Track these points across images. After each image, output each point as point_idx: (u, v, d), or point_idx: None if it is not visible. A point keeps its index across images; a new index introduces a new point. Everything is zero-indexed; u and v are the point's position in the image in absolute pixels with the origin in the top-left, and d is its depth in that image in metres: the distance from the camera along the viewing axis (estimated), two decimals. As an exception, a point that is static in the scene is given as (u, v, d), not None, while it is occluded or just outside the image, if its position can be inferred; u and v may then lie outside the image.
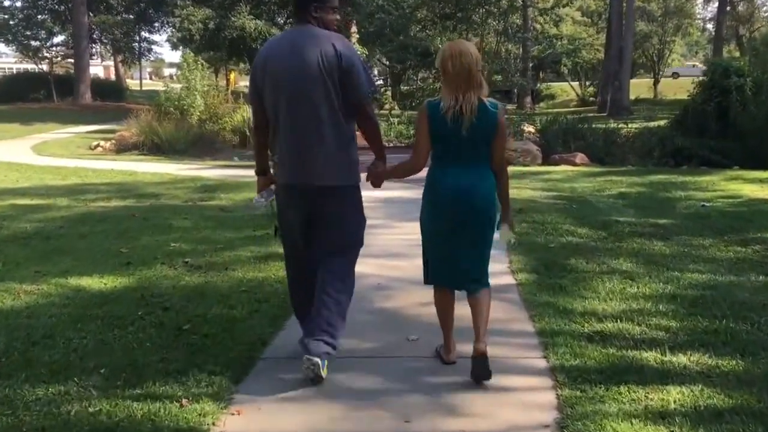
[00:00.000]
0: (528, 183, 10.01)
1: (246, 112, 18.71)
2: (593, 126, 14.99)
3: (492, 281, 3.53)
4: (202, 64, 22.93)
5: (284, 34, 3.57)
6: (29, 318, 4.15)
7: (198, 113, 19.44)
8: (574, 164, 12.97)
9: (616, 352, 3.55)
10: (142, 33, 42.29)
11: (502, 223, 3.41)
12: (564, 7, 17.02)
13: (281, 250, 4.85)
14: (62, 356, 3.55)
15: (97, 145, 17.83)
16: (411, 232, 6.59)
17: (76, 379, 3.25)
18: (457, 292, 3.46)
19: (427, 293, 4.54)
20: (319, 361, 3.15)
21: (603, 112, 28.76)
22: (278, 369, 3.41)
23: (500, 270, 5.05)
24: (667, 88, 46.26)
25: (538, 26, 17.41)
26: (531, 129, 16.14)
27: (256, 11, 27.65)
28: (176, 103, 19.38)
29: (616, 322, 3.99)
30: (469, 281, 3.35)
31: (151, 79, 72.04)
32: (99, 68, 59.62)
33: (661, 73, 52.15)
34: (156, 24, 38.76)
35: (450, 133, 3.13)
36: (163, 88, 21.31)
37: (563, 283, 4.78)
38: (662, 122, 16.15)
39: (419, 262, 3.58)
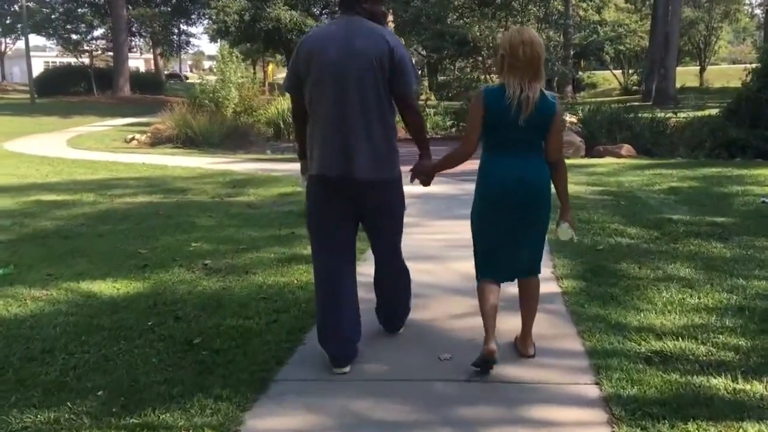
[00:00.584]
0: (572, 177, 9.38)
1: (281, 104, 18.50)
2: (639, 115, 14.27)
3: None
4: (237, 56, 22.82)
5: (332, 24, 3.39)
6: (32, 328, 3.86)
7: (233, 106, 19.26)
8: (620, 156, 12.35)
9: (680, 378, 3.08)
10: (181, 26, 42.61)
11: (561, 220, 3.34)
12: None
13: (306, 251, 4.58)
14: (59, 375, 3.24)
15: (133, 139, 17.76)
16: (447, 231, 6.30)
17: (69, 403, 2.93)
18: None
19: (462, 303, 4.19)
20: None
21: (648, 101, 27.83)
22: (291, 394, 3.03)
23: (544, 276, 4.57)
24: (714, 76, 44.73)
25: (581, 12, 16.69)
26: (573, 119, 15.52)
27: (291, 2, 27.42)
28: (211, 95, 19.25)
29: (678, 340, 3.51)
30: (522, 271, 3.32)
31: (191, 71, 72.68)
32: (140, 61, 60.35)
33: (707, 60, 50.54)
34: (193, 16, 38.83)
35: (507, 121, 3.05)
36: (198, 81, 21.20)
37: (614, 292, 4.31)
38: (712, 111, 15.34)
39: (455, 265, 3.22)
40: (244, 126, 18.43)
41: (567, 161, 3.50)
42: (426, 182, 3.41)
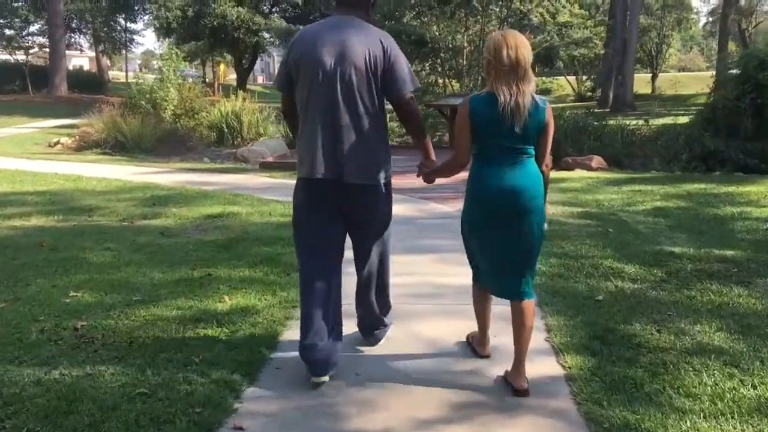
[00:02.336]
0: (544, 194, 8.41)
1: (225, 107, 17.08)
2: (605, 123, 13.34)
3: (529, 369, 3.05)
4: (177, 54, 21.27)
5: (327, 21, 3.23)
6: None
7: (172, 107, 17.72)
8: (591, 168, 11.35)
9: None
10: (123, 22, 40.37)
11: None
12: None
13: (221, 306, 4.14)
14: None
15: (57, 142, 16.05)
16: (407, 272, 4.75)
17: None
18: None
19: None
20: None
21: (605, 107, 27.28)
22: None
23: (537, 345, 3.41)
24: (666, 83, 44.90)
25: (536, 16, 15.74)
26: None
27: (239, -2, 25.92)
28: (148, 96, 17.67)
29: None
30: (515, 292, 3.12)
31: (141, 71, 69.77)
32: (84, 59, 57.59)
33: (658, 68, 50.81)
34: (138, 11, 36.72)
35: (499, 130, 2.95)
36: (134, 80, 19.56)
37: (637, 376, 3.14)
38: (678, 119, 14.50)
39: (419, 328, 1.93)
40: (184, 130, 16.94)
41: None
42: (430, 180, 3.39)
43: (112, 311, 4.00)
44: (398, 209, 6.77)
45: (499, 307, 3.48)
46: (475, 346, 3.49)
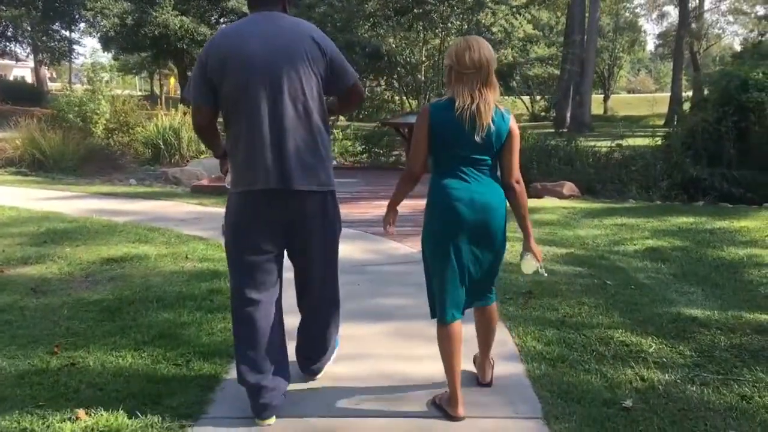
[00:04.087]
0: (514, 227, 7.22)
1: (162, 121, 15.57)
2: (578, 145, 12.32)
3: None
4: (112, 65, 19.66)
5: (248, 21, 2.86)
6: None
7: (104, 121, 16.08)
8: (562, 196, 10.28)
9: None
10: (62, 31, 38.08)
11: (524, 251, 3.04)
12: (523, 9, 14.27)
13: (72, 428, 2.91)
14: None
15: (-33, 159, 14.29)
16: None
17: None
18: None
19: None
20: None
21: (561, 128, 26.59)
22: None
23: None
24: (618, 104, 45.08)
25: (500, 31, 14.77)
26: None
27: (183, 7, 24.27)
28: (76, 109, 16.02)
29: None
30: (480, 298, 3.03)
31: (89, 83, 66.88)
32: (26, 70, 54.86)
33: (610, 89, 51.08)
34: (75, 19, 34.54)
35: (459, 138, 2.78)
36: (61, 92, 17.85)
37: None
38: (640, 141, 13.53)
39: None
40: (117, 146, 15.41)
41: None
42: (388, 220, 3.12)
43: None
44: (347, 249, 5.49)
45: None
46: (445, 406, 2.95)
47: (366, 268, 5.38)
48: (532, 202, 9.41)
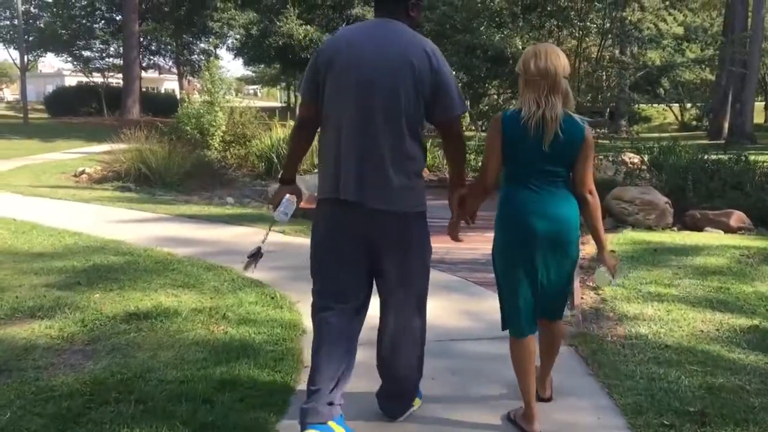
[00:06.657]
0: (669, 277, 5.38)
1: (278, 133, 14.88)
2: (750, 162, 10.04)
3: None
4: (232, 81, 19.35)
5: (365, 25, 2.89)
6: None
7: (220, 133, 15.60)
8: (729, 229, 8.23)
9: None
10: (200, 44, 39.37)
11: (599, 263, 3.00)
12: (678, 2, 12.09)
13: None
14: None
15: (83, 172, 14.24)
16: None
17: None
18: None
19: None
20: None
21: (717, 138, 23.52)
22: None
23: None
24: (779, 112, 40.37)
25: (648, 28, 12.72)
26: (635, 159, 11.46)
27: (308, 16, 23.79)
28: (194, 120, 15.65)
29: None
30: (549, 313, 2.95)
31: (236, 95, 69.38)
32: (174, 83, 57.90)
33: (776, 95, 46.03)
34: (205, 30, 35.54)
35: (528, 148, 2.74)
36: (185, 102, 17.63)
37: None
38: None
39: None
40: (233, 159, 14.92)
41: (650, 235, 3.31)
42: (454, 235, 2.98)
43: None
44: (437, 306, 3.99)
45: None
46: (520, 421, 2.89)
47: (453, 347, 3.87)
48: (690, 238, 7.45)
